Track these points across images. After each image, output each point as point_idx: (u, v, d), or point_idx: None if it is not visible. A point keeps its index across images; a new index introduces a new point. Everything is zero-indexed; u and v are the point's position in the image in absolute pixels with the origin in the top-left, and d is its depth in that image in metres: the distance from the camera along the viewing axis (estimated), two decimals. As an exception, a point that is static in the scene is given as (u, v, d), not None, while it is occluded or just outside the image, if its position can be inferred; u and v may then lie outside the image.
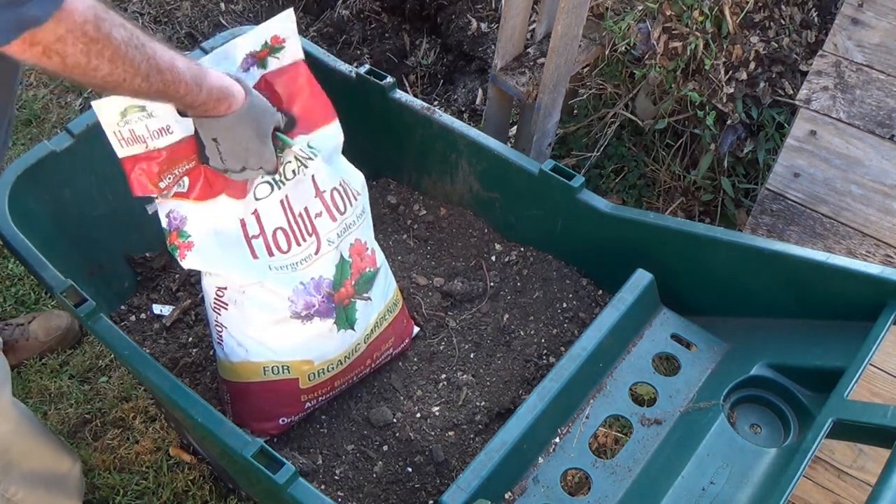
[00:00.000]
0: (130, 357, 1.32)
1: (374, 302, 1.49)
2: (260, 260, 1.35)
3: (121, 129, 1.19)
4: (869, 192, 1.94)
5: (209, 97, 1.11)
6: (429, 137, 1.78)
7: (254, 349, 1.40)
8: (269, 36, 1.30)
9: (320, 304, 1.38)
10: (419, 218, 1.88)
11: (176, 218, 1.29)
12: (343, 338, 1.45)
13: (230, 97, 1.15)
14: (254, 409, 1.48)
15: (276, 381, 1.43)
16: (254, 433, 1.46)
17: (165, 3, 3.12)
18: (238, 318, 1.38)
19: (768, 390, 1.36)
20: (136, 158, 1.22)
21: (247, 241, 1.34)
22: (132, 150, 1.21)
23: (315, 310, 1.38)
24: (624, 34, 2.28)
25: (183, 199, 1.29)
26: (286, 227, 1.36)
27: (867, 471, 1.70)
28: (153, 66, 0.97)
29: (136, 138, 1.20)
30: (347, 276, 1.43)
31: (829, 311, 1.36)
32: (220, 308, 1.39)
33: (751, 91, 2.23)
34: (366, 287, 1.47)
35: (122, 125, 1.18)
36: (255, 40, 1.30)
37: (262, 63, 1.32)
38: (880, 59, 2.05)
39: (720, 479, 1.23)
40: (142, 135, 1.20)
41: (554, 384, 1.31)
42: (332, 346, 1.44)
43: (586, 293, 1.67)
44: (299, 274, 1.37)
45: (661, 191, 2.52)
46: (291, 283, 1.36)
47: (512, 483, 1.27)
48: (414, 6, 3.07)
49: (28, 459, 1.50)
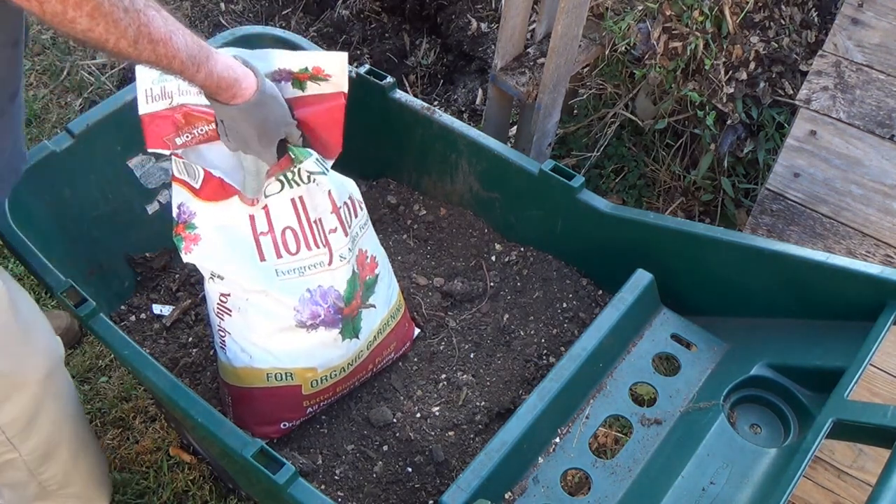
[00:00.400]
0: (130, 357, 1.32)
1: (378, 309, 1.49)
2: (267, 262, 1.34)
3: (152, 87, 1.22)
4: (869, 192, 1.94)
5: (208, 81, 1.09)
6: (429, 137, 1.78)
7: (258, 356, 1.40)
8: (313, 65, 1.29)
9: (326, 314, 1.38)
10: (419, 218, 1.88)
11: (185, 211, 1.29)
12: (347, 346, 1.44)
13: (235, 87, 1.14)
14: (256, 413, 1.47)
15: (280, 387, 1.43)
16: (254, 436, 1.46)
17: (165, 3, 3.12)
18: (242, 324, 1.38)
19: (768, 390, 1.36)
20: (155, 115, 1.24)
21: (255, 238, 1.33)
22: (154, 106, 1.24)
23: (321, 319, 1.37)
24: (624, 34, 2.28)
25: (194, 196, 1.29)
26: (296, 228, 1.35)
27: (867, 471, 1.70)
28: (143, 34, 0.94)
29: (164, 94, 1.23)
30: (357, 289, 1.43)
31: (829, 311, 1.36)
32: (224, 313, 1.38)
33: (751, 91, 2.23)
34: (368, 294, 1.46)
35: (156, 83, 1.21)
36: (298, 62, 1.29)
37: (299, 84, 1.31)
38: (880, 59, 2.05)
39: (720, 479, 1.23)
40: (171, 91, 1.22)
41: (554, 384, 1.30)
42: (337, 354, 1.44)
43: (586, 293, 1.67)
44: (306, 280, 1.36)
45: (661, 191, 2.52)
46: (298, 291, 1.35)
47: (512, 483, 1.27)
48: (414, 6, 3.07)
49: (70, 447, 1.49)
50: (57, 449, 1.44)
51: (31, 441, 1.36)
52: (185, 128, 1.27)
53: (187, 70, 1.05)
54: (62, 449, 1.45)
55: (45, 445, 1.40)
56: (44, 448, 1.40)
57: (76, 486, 1.54)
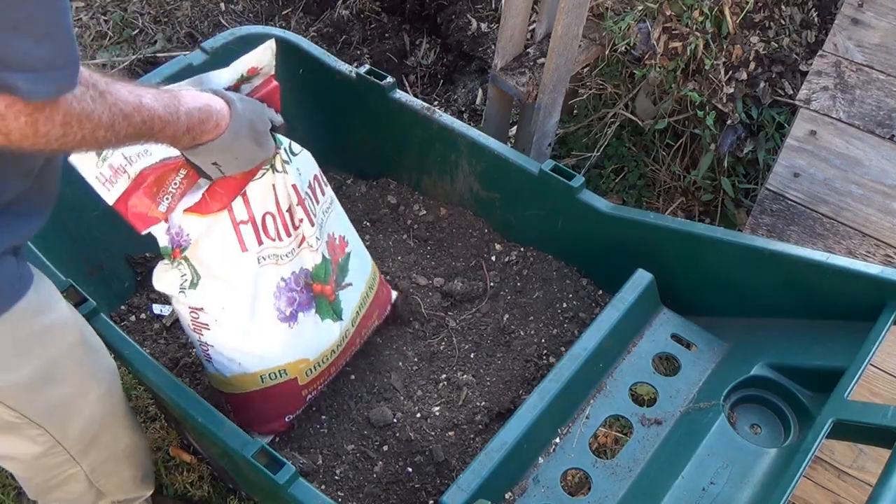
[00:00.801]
0: (130, 357, 1.32)
1: (356, 285, 1.49)
2: (249, 252, 1.30)
3: (102, 172, 1.13)
4: (869, 192, 1.94)
5: (191, 122, 1.03)
6: (429, 137, 1.78)
7: (247, 361, 1.39)
8: (247, 68, 1.24)
9: (300, 297, 1.37)
10: (419, 218, 1.88)
11: (180, 235, 1.25)
12: (332, 329, 1.45)
13: (214, 114, 1.07)
14: (258, 415, 1.47)
15: (276, 385, 1.42)
16: (261, 433, 1.46)
17: (165, 3, 3.12)
18: (222, 335, 1.35)
19: (768, 390, 1.36)
20: (126, 196, 1.15)
21: (235, 228, 1.29)
22: (118, 188, 1.14)
23: (297, 304, 1.37)
24: (624, 34, 2.28)
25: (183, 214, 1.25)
26: (275, 213, 1.31)
27: (867, 471, 1.70)
28: (116, 112, 0.88)
29: (116, 172, 1.13)
30: (331, 273, 1.42)
31: (829, 311, 1.36)
32: (201, 329, 1.35)
33: (751, 91, 2.23)
34: (343, 275, 1.46)
35: (101, 166, 1.13)
36: (231, 75, 1.23)
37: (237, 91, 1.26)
38: (880, 59, 2.05)
39: (720, 479, 1.23)
40: (121, 165, 1.13)
41: (554, 384, 1.30)
42: (323, 338, 1.44)
43: (586, 293, 1.67)
44: (281, 269, 1.34)
45: (661, 191, 2.52)
46: (274, 280, 1.33)
47: (512, 483, 1.27)
48: (414, 6, 3.07)
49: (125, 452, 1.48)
50: (115, 457, 1.45)
51: (92, 454, 1.36)
52: (160, 192, 1.17)
53: (169, 124, 0.98)
54: (119, 456, 1.47)
55: (105, 455, 1.41)
56: (104, 457, 1.41)
57: (128, 483, 1.55)
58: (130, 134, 0.92)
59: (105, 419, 1.35)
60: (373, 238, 1.84)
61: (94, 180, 1.13)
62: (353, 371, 1.62)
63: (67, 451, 1.31)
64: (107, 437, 1.38)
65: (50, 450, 1.27)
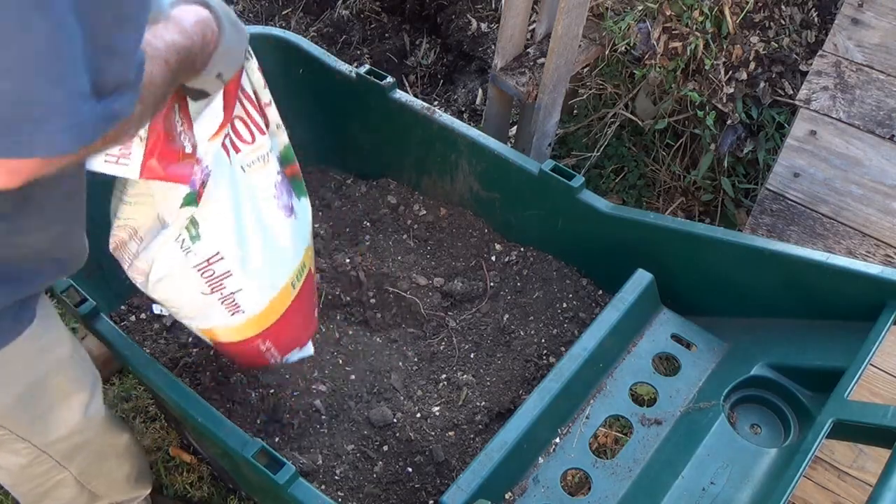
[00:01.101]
0: (130, 357, 1.32)
1: None
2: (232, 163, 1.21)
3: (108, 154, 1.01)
4: (869, 192, 1.94)
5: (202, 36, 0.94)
6: (429, 137, 1.78)
7: (277, 275, 1.30)
8: None
9: (287, 185, 1.33)
10: (419, 218, 1.88)
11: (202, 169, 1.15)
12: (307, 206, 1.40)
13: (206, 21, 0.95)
14: (293, 333, 1.42)
15: (303, 285, 1.36)
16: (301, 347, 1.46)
17: (165, 3, 3.12)
18: (251, 265, 1.25)
19: (768, 390, 1.36)
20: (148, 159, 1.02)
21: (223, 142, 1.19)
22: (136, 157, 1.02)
23: (289, 192, 1.33)
24: (624, 34, 2.28)
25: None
26: (244, 116, 1.22)
27: (867, 471, 1.70)
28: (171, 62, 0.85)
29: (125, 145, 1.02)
30: (292, 158, 1.36)
31: (829, 311, 1.36)
32: (225, 278, 1.24)
33: (751, 91, 2.23)
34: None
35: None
36: None
37: None
38: (880, 59, 2.05)
39: (720, 479, 1.23)
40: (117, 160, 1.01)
41: (554, 384, 1.31)
42: (308, 216, 1.40)
43: (586, 293, 1.67)
44: (271, 166, 1.27)
45: (661, 191, 2.52)
46: (271, 179, 1.27)
47: (512, 483, 1.27)
48: (414, 6, 3.07)
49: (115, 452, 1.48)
50: (103, 458, 1.45)
51: (77, 458, 1.36)
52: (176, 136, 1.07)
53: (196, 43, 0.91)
54: (107, 457, 1.46)
55: (92, 457, 1.40)
56: (91, 459, 1.40)
57: (121, 483, 1.55)
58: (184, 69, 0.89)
59: (89, 423, 1.34)
60: (373, 238, 1.84)
61: (104, 166, 1.00)
62: (353, 371, 1.62)
63: (53, 458, 1.30)
64: (92, 440, 1.38)
65: (35, 460, 1.27)
